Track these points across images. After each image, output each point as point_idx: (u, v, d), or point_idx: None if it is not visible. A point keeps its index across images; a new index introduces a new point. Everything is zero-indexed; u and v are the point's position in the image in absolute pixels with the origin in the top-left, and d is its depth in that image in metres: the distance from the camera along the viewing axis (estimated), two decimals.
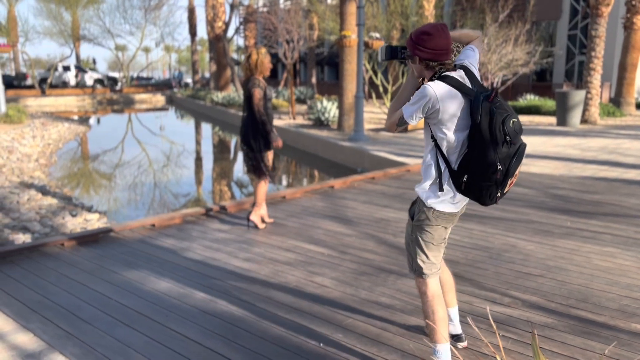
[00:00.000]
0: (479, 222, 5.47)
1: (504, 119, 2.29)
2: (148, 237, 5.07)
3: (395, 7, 16.94)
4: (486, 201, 2.44)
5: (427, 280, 2.61)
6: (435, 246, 2.59)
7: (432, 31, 2.41)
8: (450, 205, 2.53)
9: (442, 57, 2.43)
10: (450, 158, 2.46)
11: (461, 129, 2.41)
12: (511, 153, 2.32)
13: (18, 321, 3.31)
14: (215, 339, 3.09)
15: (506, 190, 2.40)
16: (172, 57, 75.52)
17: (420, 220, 2.56)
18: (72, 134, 18.74)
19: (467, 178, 2.39)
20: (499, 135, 2.28)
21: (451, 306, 2.93)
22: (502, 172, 2.32)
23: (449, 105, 2.37)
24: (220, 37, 30.08)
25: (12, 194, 8.06)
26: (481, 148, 2.33)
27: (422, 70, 2.50)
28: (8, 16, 42.64)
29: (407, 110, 2.45)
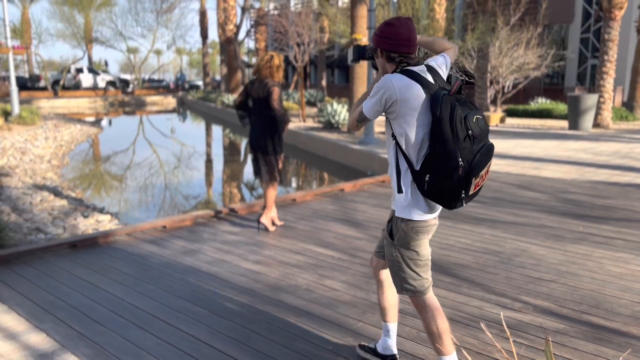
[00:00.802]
0: (490, 226, 5.44)
1: (466, 115, 2.20)
2: (159, 239, 5.10)
3: (406, 10, 16.91)
4: (450, 203, 2.29)
5: (423, 297, 2.48)
6: (422, 262, 2.45)
7: (394, 22, 2.37)
8: (424, 212, 2.36)
9: (403, 49, 2.36)
10: (412, 157, 2.33)
11: (422, 125, 2.30)
12: (475, 150, 2.20)
13: (31, 321, 3.34)
14: (225, 341, 3.10)
15: (472, 191, 2.27)
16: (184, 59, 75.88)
17: (400, 239, 2.41)
18: (84, 136, 18.88)
19: (429, 177, 2.26)
20: (459, 129, 2.18)
21: (392, 321, 2.78)
22: (464, 168, 2.19)
23: (408, 97, 2.28)
24: (231, 40, 30.22)
25: (25, 195, 8.14)
26: (442, 143, 2.21)
27: (385, 64, 2.43)
28: (22, 19, 43.09)
29: (366, 104, 2.38)
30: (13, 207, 7.23)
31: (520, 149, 11.32)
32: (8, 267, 4.30)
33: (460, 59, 20.00)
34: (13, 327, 3.27)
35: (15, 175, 9.88)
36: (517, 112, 20.62)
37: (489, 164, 2.28)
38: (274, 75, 5.24)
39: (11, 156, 11.79)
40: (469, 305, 3.57)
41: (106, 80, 41.99)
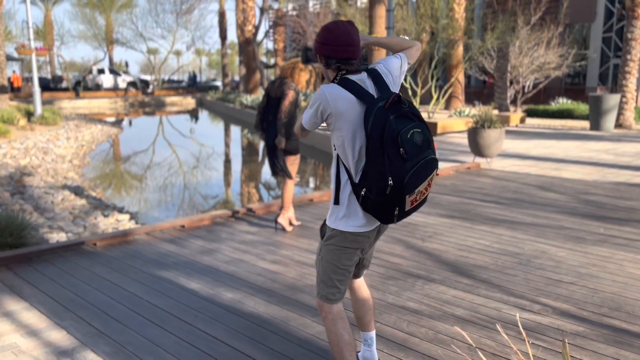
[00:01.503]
0: (508, 227, 5.39)
1: (400, 130, 2.06)
2: (178, 238, 5.15)
3: (425, 10, 16.82)
4: (383, 219, 2.21)
5: (329, 305, 2.40)
6: (341, 270, 2.36)
7: (332, 26, 2.26)
8: (353, 222, 2.28)
9: (341, 54, 2.23)
10: (351, 169, 2.24)
11: (359, 138, 2.19)
12: (407, 168, 2.07)
13: (52, 319, 3.40)
14: (242, 339, 3.12)
15: (407, 208, 2.16)
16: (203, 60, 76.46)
17: (327, 240, 2.36)
18: (104, 136, 19.13)
19: (365, 192, 2.17)
20: (390, 146, 2.06)
21: (368, 330, 2.68)
22: (394, 187, 2.08)
23: (342, 110, 2.18)
24: (250, 41, 30.37)
25: (47, 194, 8.28)
26: (373, 160, 2.11)
27: (325, 71, 2.33)
28: (45, 20, 43.84)
29: (305, 115, 2.31)
30: (35, 206, 7.36)
31: (540, 150, 11.19)
32: (30, 265, 4.38)
33: (480, 58, 19.85)
34: (34, 324, 3.33)
35: (37, 174, 10.05)
36: (537, 112, 20.38)
37: (429, 178, 2.16)
38: (294, 77, 5.25)
39: (34, 156, 11.99)
40: (486, 306, 3.54)
41: (127, 81, 42.49)
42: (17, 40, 35.96)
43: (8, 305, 3.61)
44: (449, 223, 5.56)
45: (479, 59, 19.99)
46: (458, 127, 15.08)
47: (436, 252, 4.64)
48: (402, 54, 2.46)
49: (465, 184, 7.67)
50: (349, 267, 2.39)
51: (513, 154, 10.57)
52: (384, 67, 2.36)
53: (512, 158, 10.08)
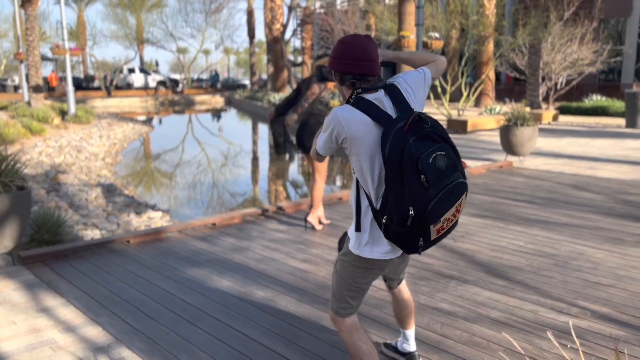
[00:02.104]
0: (543, 227, 5.28)
1: (421, 155, 1.88)
2: (209, 236, 5.18)
3: (455, 6, 16.61)
4: (406, 249, 2.05)
5: (342, 318, 2.34)
6: (354, 287, 2.28)
7: (347, 40, 2.10)
8: (374, 250, 2.17)
9: (356, 70, 2.07)
10: (372, 195, 2.09)
11: (378, 162, 2.03)
12: (430, 196, 1.89)
13: (88, 315, 3.45)
14: (275, 339, 3.12)
15: (434, 237, 1.99)
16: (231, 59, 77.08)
17: (344, 256, 2.29)
18: (136, 134, 19.43)
19: (386, 220, 2.00)
20: (410, 175, 1.88)
21: (406, 328, 2.74)
22: (414, 218, 1.90)
23: (357, 134, 2.02)
24: (278, 39, 30.47)
25: (81, 191, 8.44)
26: (392, 187, 1.94)
27: (341, 89, 2.17)
28: (77, 21, 44.76)
29: (319, 141, 2.18)
30: (70, 203, 7.51)
31: (574, 148, 10.95)
32: (66, 262, 4.46)
33: (511, 55, 19.52)
34: (71, 319, 3.39)
35: (71, 172, 10.25)
36: (570, 109, 19.94)
37: (457, 204, 1.98)
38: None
39: (68, 154, 12.24)
40: (522, 309, 3.46)
41: (157, 80, 43.08)
42: (51, 40, 36.82)
43: (46, 300, 3.68)
44: (481, 223, 5.47)
45: (510, 56, 19.65)
46: (489, 124, 14.86)
47: (469, 253, 4.57)
48: (426, 67, 2.30)
49: (498, 182, 7.54)
50: (363, 285, 2.30)
51: (546, 153, 10.36)
52: (404, 82, 2.18)
53: (545, 156, 9.88)
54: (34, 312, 3.51)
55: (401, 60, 2.44)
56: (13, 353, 2.98)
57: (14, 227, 4.08)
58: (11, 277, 4.11)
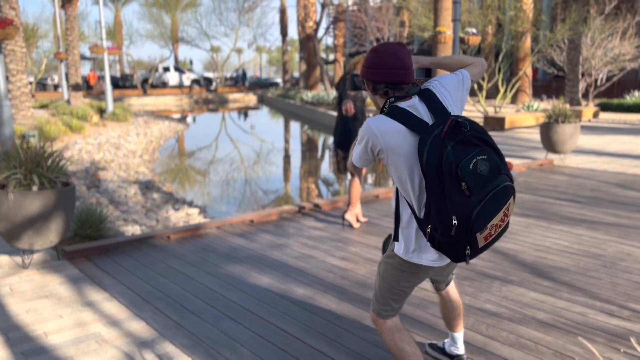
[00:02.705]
0: (588, 227, 5.12)
1: (460, 161, 1.81)
2: (247, 232, 5.20)
3: (492, 1, 16.30)
4: (454, 258, 1.97)
5: (383, 320, 2.31)
6: (397, 290, 2.26)
7: (379, 48, 2.05)
8: (418, 255, 2.13)
9: (389, 78, 2.02)
10: (414, 204, 2.04)
11: (416, 172, 1.97)
12: (473, 203, 1.81)
13: (131, 309, 3.49)
14: (317, 337, 3.10)
15: (481, 245, 1.91)
16: (263, 57, 77.55)
17: (388, 258, 2.25)
18: (171, 132, 19.72)
19: (430, 229, 1.95)
20: (450, 182, 1.81)
21: (456, 331, 2.70)
22: (458, 227, 1.84)
23: (393, 145, 1.97)
24: (310, 37, 30.49)
25: (120, 188, 8.59)
26: (433, 197, 1.87)
27: (374, 98, 2.13)
28: (114, 20, 45.66)
29: (355, 153, 2.14)
30: (110, 200, 7.65)
31: (617, 146, 10.62)
32: (108, 257, 4.53)
33: (549, 50, 19.09)
34: (115, 314, 3.44)
35: (110, 169, 10.46)
36: (611, 106, 19.38)
37: (504, 208, 1.89)
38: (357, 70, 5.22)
39: (107, 151, 12.49)
40: (570, 311, 3.36)
41: (191, 79, 43.63)
42: (89, 40, 37.69)
43: (90, 295, 3.75)
44: (523, 222, 5.35)
45: (548, 52, 19.21)
46: (527, 122, 14.55)
47: (512, 253, 4.46)
48: (464, 70, 2.22)
49: (539, 181, 7.37)
50: (407, 288, 2.27)
51: (588, 150, 10.09)
52: (440, 85, 2.10)
53: (587, 154, 9.62)
54: (79, 306, 3.57)
55: (438, 65, 2.37)
56: (61, 346, 3.04)
57: (59, 222, 4.16)
58: (56, 271, 4.20)
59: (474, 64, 2.28)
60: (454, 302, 2.64)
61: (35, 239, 4.09)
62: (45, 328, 3.25)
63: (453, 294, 2.63)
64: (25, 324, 3.31)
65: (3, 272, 4.18)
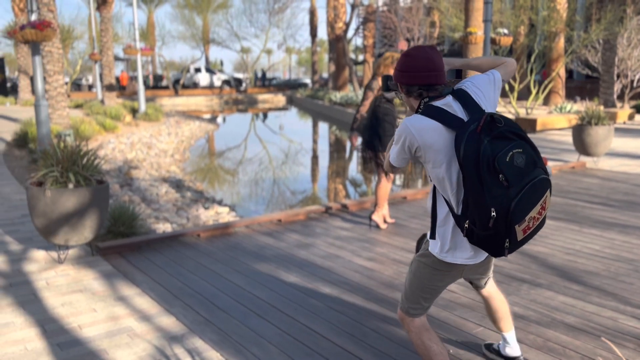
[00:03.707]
0: (620, 231, 5.03)
1: (497, 153, 1.87)
2: (275, 232, 5.26)
3: (524, 1, 16.07)
4: (492, 252, 2.02)
5: (411, 318, 2.34)
6: (429, 289, 2.28)
7: (411, 52, 2.11)
8: (454, 254, 2.16)
9: (422, 81, 2.08)
10: (452, 201, 2.08)
11: (453, 168, 2.03)
12: (511, 195, 1.86)
13: (162, 305, 3.58)
14: (344, 336, 3.13)
15: (520, 238, 1.95)
16: (293, 58, 77.88)
17: (422, 257, 2.28)
18: (202, 132, 19.99)
19: (468, 224, 2.00)
20: (487, 175, 1.87)
21: (506, 331, 2.68)
22: (496, 219, 1.88)
23: (430, 142, 2.03)
24: (340, 38, 30.51)
25: (152, 186, 8.77)
26: (471, 191, 1.93)
27: (408, 100, 2.18)
28: (147, 22, 46.49)
29: (392, 153, 2.19)
30: (142, 198, 7.81)
31: None
32: (140, 254, 4.65)
33: (583, 51, 18.71)
34: (147, 309, 3.53)
35: (142, 168, 10.67)
36: None
37: (542, 201, 1.93)
38: (376, 74, 5.24)
39: (139, 150, 12.74)
40: (600, 315, 3.32)
41: (221, 79, 44.11)
42: (123, 41, 38.43)
43: (123, 290, 3.85)
44: (554, 225, 5.28)
45: (582, 52, 18.83)
46: (559, 123, 14.30)
47: (541, 256, 4.41)
48: (494, 70, 2.27)
49: (570, 184, 7.25)
50: (439, 287, 2.29)
51: (622, 153, 9.87)
52: (472, 85, 2.16)
53: (620, 157, 9.41)
54: (112, 300, 3.68)
55: (468, 66, 2.41)
56: (94, 339, 3.14)
57: (93, 219, 4.29)
58: (91, 266, 4.33)
59: (505, 64, 2.32)
60: (497, 302, 2.62)
61: (71, 235, 4.22)
62: (80, 321, 3.36)
63: (494, 293, 2.62)
64: (61, 316, 3.42)
65: (40, 266, 4.33)
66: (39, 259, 4.49)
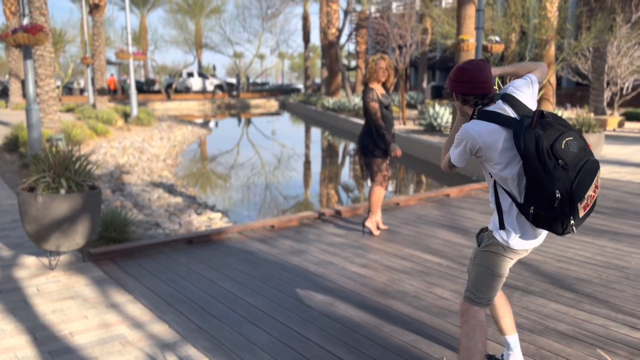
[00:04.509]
0: (611, 239, 5.06)
1: (553, 142, 2.13)
2: (268, 238, 5.25)
3: (515, 9, 16.21)
4: (559, 231, 2.24)
5: (474, 308, 2.49)
6: (497, 277, 2.46)
7: (467, 66, 2.37)
8: (521, 241, 2.38)
9: (477, 91, 2.34)
10: (514, 192, 2.32)
11: (513, 161, 2.27)
12: (571, 176, 2.12)
13: (154, 312, 3.56)
14: (336, 343, 3.12)
15: (581, 215, 2.19)
16: (286, 63, 77.96)
17: (487, 247, 2.46)
18: (194, 137, 19.93)
19: (534, 209, 2.23)
20: (549, 162, 2.13)
21: (509, 333, 2.75)
22: (561, 200, 2.13)
23: (490, 142, 2.27)
24: (333, 44, 30.59)
25: (144, 191, 8.72)
26: (535, 178, 2.18)
27: (462, 107, 2.44)
28: (140, 26, 46.40)
29: (452, 154, 2.42)
30: (134, 203, 7.77)
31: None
32: (132, 260, 4.62)
33: (574, 59, 18.88)
34: (139, 316, 3.51)
35: (134, 172, 10.62)
36: (637, 115, 19.08)
37: (595, 180, 2.18)
38: (369, 81, 5.24)
39: (131, 155, 12.68)
40: (592, 323, 3.33)
41: (214, 84, 44.04)
42: (115, 45, 38.31)
43: (115, 297, 3.83)
44: (546, 233, 5.29)
45: (573, 60, 18.99)
46: None
47: (534, 263, 4.43)
48: (531, 74, 2.52)
49: None
50: (504, 275, 2.47)
51: (612, 160, 9.95)
52: (515, 89, 2.42)
53: (611, 164, 9.48)
54: (104, 307, 3.65)
55: (507, 74, 2.64)
56: (86, 346, 3.11)
57: (85, 225, 4.26)
58: (82, 273, 4.30)
59: (537, 69, 2.58)
60: (502, 298, 2.74)
61: (62, 241, 4.19)
62: (71, 328, 3.33)
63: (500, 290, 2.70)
64: (52, 324, 3.39)
65: (30, 273, 4.29)
66: (30, 265, 4.46)
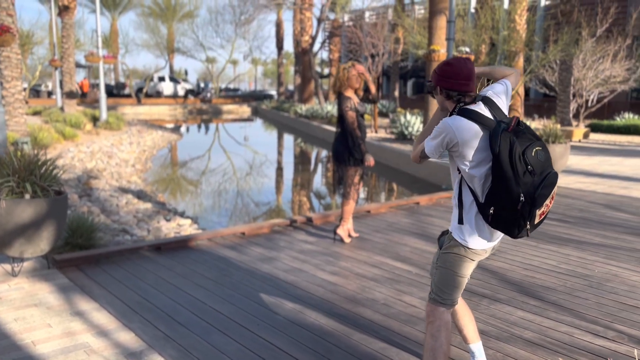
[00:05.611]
0: (576, 247, 5.18)
1: (524, 149, 2.25)
2: (238, 245, 5.21)
3: (485, 21, 16.52)
4: (514, 233, 2.36)
5: (440, 309, 2.55)
6: (459, 278, 2.52)
7: (453, 62, 2.45)
8: (479, 240, 2.46)
9: (462, 87, 2.42)
10: (477, 190, 2.42)
11: (484, 161, 2.37)
12: (536, 183, 2.25)
13: (120, 320, 3.49)
14: (305, 352, 3.11)
15: (536, 221, 2.32)
16: (259, 69, 77.81)
17: (448, 250, 2.52)
18: (165, 142, 19.70)
19: (494, 210, 2.34)
20: (519, 166, 2.23)
21: (473, 342, 2.81)
22: (524, 203, 2.25)
23: (467, 138, 2.35)
24: (306, 51, 30.67)
25: (112, 197, 8.58)
26: (503, 179, 2.27)
27: (443, 102, 2.51)
28: (111, 29, 45.73)
29: (428, 144, 2.48)
30: (102, 209, 7.63)
31: (606, 167, 10.74)
32: (98, 266, 4.53)
33: (541, 71, 19.32)
34: (105, 324, 3.44)
35: (103, 177, 10.43)
36: (601, 127, 19.62)
37: (552, 192, 2.29)
38: (342, 89, 5.26)
39: (99, 159, 12.47)
40: (556, 330, 3.40)
41: (185, 89, 43.64)
42: (85, 48, 37.63)
43: (80, 304, 3.74)
44: (512, 241, 5.39)
45: (541, 72, 19.43)
46: None
47: (501, 271, 4.50)
48: (506, 80, 2.61)
49: None
50: (466, 277, 2.53)
51: (577, 171, 10.20)
52: (494, 93, 2.52)
53: (576, 175, 9.72)
54: (69, 315, 3.57)
55: (483, 74, 2.71)
56: (49, 355, 3.03)
57: (50, 231, 4.16)
58: (46, 280, 4.19)
59: (512, 74, 2.68)
60: (463, 307, 2.77)
61: (26, 247, 4.09)
62: (34, 337, 3.24)
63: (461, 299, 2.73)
64: (14, 332, 3.30)
65: None
66: None
